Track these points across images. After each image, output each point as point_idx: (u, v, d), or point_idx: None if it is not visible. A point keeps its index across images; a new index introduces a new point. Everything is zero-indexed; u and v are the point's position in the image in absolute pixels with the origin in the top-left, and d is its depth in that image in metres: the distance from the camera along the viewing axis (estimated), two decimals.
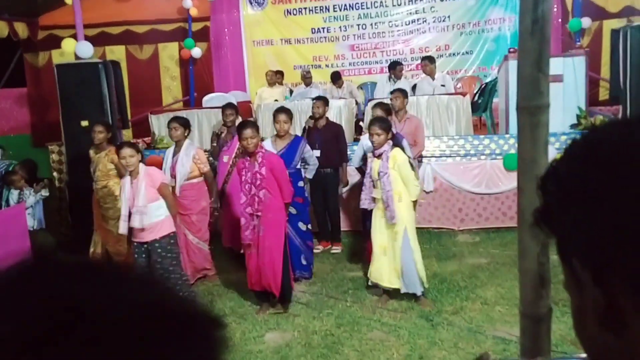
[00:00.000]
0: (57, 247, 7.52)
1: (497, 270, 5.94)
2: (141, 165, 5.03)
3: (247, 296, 5.56)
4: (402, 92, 6.69)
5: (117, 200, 5.68)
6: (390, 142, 5.10)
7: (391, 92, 6.83)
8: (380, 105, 6.11)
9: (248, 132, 4.98)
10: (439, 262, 6.28)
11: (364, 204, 5.25)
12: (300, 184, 6.04)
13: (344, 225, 7.27)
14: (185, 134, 5.95)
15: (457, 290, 5.48)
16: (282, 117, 5.85)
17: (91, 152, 6.23)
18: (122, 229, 5.03)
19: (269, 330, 4.90)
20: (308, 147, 6.10)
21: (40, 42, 11.64)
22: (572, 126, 7.21)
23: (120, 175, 5.69)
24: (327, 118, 6.84)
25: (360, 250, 6.47)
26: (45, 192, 6.92)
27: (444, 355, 4.33)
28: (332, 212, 6.89)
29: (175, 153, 5.94)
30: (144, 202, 4.91)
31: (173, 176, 5.89)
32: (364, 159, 5.92)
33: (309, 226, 6.11)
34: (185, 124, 6.01)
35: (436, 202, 7.34)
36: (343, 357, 4.40)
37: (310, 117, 6.95)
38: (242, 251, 5.45)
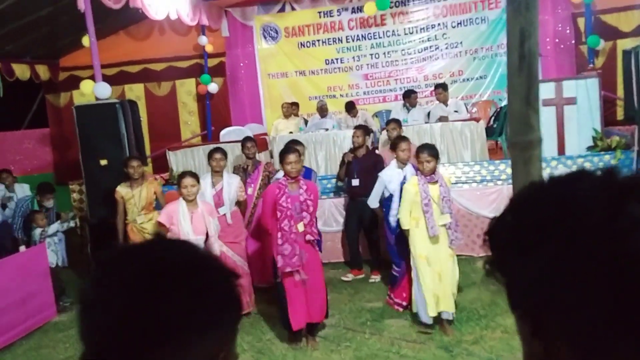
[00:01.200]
0: (81, 284, 7.60)
1: None
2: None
3: (265, 330, 5.55)
4: (398, 123, 6.85)
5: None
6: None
7: (387, 123, 6.92)
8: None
9: (292, 157, 5.05)
10: (459, 292, 6.19)
11: (435, 230, 5.11)
12: None
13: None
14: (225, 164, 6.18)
15: (476, 319, 5.41)
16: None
17: (121, 189, 6.29)
18: None
19: None
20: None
21: (61, 83, 11.96)
22: (589, 148, 7.15)
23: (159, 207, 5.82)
24: (367, 147, 6.92)
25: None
26: (72, 223, 7.05)
27: None
28: (374, 241, 6.88)
29: (215, 183, 6.02)
30: (211, 232, 5.03)
31: (218, 205, 5.93)
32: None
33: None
34: (226, 154, 6.26)
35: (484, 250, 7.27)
36: None
37: (350, 150, 6.96)
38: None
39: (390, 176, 5.92)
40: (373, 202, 6.18)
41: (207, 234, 5.31)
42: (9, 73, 10.38)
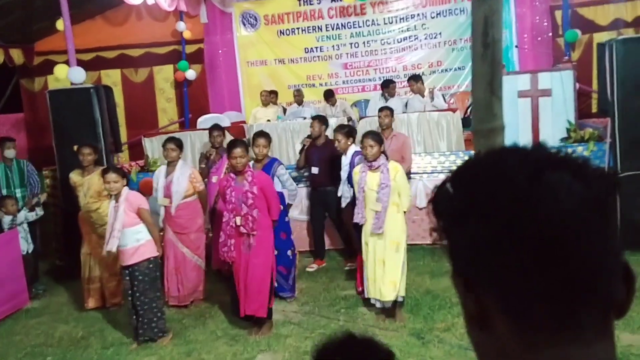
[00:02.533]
0: (52, 272, 7.53)
1: None
2: (125, 189, 5.09)
3: (239, 319, 5.55)
4: (390, 110, 6.79)
5: None
6: (384, 155, 5.16)
7: (379, 110, 6.89)
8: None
9: (238, 150, 5.02)
10: (432, 279, 6.27)
11: (358, 218, 5.23)
12: (286, 219, 6.07)
13: (329, 244, 7.28)
14: (180, 155, 6.01)
15: (449, 307, 5.47)
16: (261, 141, 5.88)
17: (74, 175, 6.25)
18: (105, 250, 5.10)
19: (260, 352, 4.89)
20: (283, 169, 6.11)
21: (36, 67, 11.75)
22: (562, 139, 7.24)
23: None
24: (326, 136, 6.91)
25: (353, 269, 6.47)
26: (40, 211, 6.93)
27: None
28: (341, 229, 6.90)
29: (169, 173, 5.98)
30: (119, 226, 4.98)
31: (168, 196, 5.92)
32: (349, 179, 6.03)
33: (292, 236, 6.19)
34: (180, 145, 6.10)
35: (429, 218, 7.33)
36: None
37: (308, 137, 7.01)
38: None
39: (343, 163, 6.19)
40: (345, 191, 6.30)
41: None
42: None
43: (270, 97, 10.34)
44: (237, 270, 5.12)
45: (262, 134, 6.01)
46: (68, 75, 7.34)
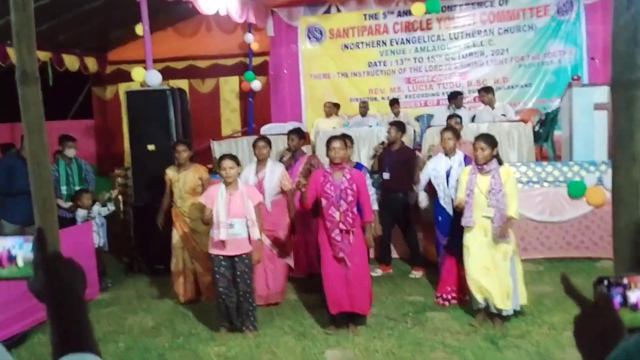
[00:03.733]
0: (124, 270, 7.70)
1: (563, 298, 5.58)
2: (238, 181, 5.20)
3: (306, 316, 5.54)
4: (460, 118, 6.79)
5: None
6: (496, 159, 5.10)
7: (449, 117, 6.87)
8: (449, 129, 6.13)
9: (336, 143, 5.11)
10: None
11: (468, 222, 5.13)
12: None
13: (395, 253, 7.21)
14: (270, 153, 6.20)
15: (522, 316, 5.31)
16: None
17: (170, 171, 6.37)
18: (223, 235, 5.04)
19: (329, 348, 4.85)
20: (368, 177, 6.13)
21: (108, 76, 12.23)
22: None
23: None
24: (402, 142, 6.92)
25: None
26: (111, 206, 7.12)
27: None
28: (409, 236, 6.87)
29: (259, 171, 6.06)
30: (250, 215, 5.07)
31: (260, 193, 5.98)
32: (429, 184, 6.02)
33: None
34: (270, 142, 6.27)
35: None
36: None
37: (381, 143, 7.02)
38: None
39: (435, 163, 6.04)
40: (422, 186, 6.28)
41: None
42: (59, 63, 10.64)
43: (333, 108, 10.41)
44: (335, 266, 5.07)
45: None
46: (145, 77, 7.59)
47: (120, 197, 8.22)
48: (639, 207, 2.39)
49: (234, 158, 5.21)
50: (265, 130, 10.13)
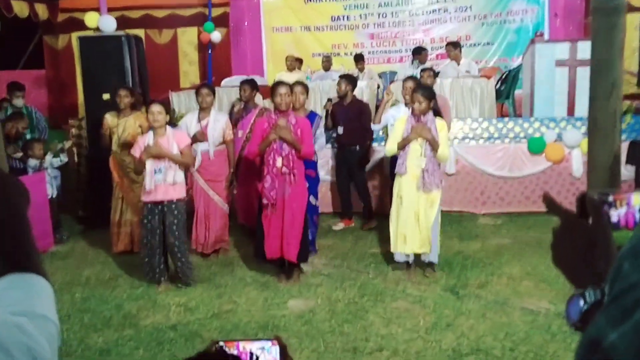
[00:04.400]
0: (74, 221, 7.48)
1: (521, 249, 5.84)
2: (168, 127, 5.02)
3: (268, 267, 5.49)
4: (433, 71, 6.69)
5: None
6: (433, 112, 5.05)
7: (422, 70, 6.76)
8: (411, 78, 6.05)
9: (283, 89, 4.96)
10: (462, 242, 6.19)
11: (401, 169, 5.11)
12: (314, 158, 5.97)
13: (358, 206, 7.19)
14: (214, 101, 5.99)
15: (481, 267, 5.40)
16: (299, 88, 5.74)
17: (109, 117, 6.17)
18: (149, 182, 4.96)
19: (291, 298, 4.83)
20: (322, 125, 6.04)
21: (60, 24, 11.64)
22: None
23: None
24: (353, 96, 6.78)
25: (380, 229, 6.39)
26: (64, 157, 6.86)
27: (471, 324, 4.25)
28: (361, 190, 6.83)
29: (201, 119, 5.89)
30: (172, 159, 4.94)
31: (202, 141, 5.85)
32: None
33: (317, 202, 6.05)
34: (214, 91, 6.07)
35: (458, 185, 7.24)
36: (368, 322, 4.32)
37: (328, 100, 6.88)
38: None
39: (395, 111, 6.10)
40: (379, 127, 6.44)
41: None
42: (7, 9, 10.07)
43: (295, 62, 10.21)
44: (271, 213, 5.02)
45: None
46: (99, 22, 7.25)
47: (74, 149, 7.94)
48: (615, 138, 2.38)
49: (162, 104, 5.12)
50: (225, 83, 9.86)
